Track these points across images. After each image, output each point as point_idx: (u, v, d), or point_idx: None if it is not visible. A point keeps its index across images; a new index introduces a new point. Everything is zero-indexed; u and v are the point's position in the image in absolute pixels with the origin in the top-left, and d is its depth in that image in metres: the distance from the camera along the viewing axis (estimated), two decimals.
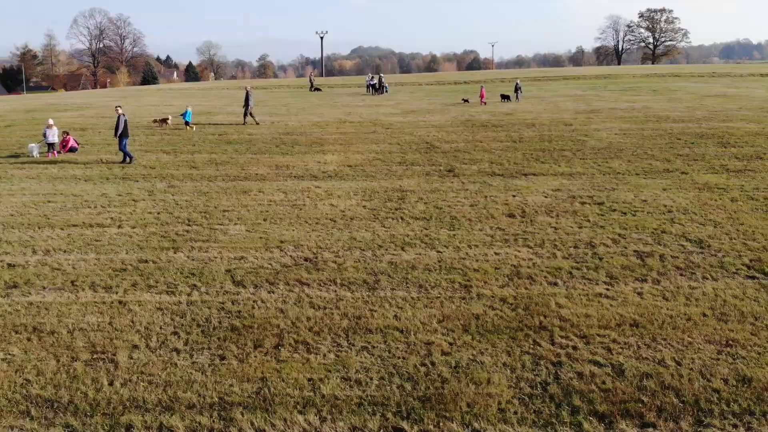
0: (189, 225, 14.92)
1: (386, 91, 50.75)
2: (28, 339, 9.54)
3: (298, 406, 7.77)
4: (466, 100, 42.31)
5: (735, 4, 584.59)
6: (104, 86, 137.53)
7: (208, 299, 10.81)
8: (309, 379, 8.33)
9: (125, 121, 22.08)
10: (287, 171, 20.80)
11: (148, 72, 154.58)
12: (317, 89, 55.79)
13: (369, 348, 9.11)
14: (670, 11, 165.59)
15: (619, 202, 16.24)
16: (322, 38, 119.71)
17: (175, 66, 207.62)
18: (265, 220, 15.29)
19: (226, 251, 13.07)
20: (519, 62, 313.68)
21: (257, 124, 31.25)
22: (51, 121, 24.46)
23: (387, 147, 24.81)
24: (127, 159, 22.20)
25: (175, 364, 8.75)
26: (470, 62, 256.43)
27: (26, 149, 23.90)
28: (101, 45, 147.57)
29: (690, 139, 25.37)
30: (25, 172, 20.92)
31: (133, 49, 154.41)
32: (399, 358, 8.81)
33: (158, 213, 15.93)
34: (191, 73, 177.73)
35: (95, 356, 9.02)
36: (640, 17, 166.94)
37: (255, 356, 8.93)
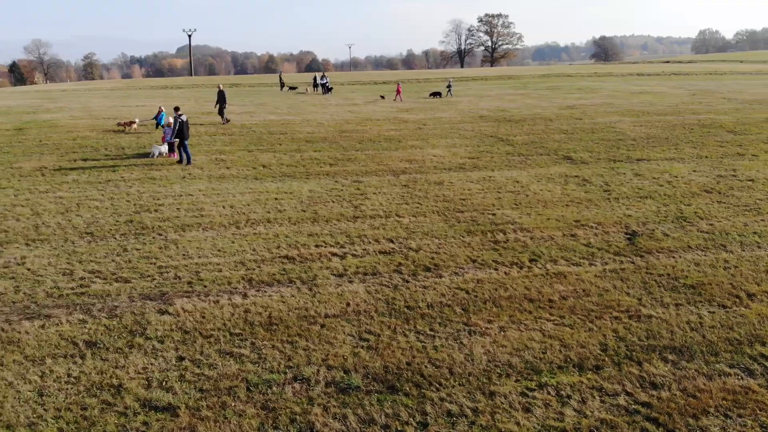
0: (461, 212, 16.16)
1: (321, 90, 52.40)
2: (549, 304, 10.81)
3: None
4: (382, 97, 46.69)
5: (541, 9, 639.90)
6: None
7: (622, 267, 12.53)
8: None
9: (182, 122, 21.93)
10: (422, 164, 22.13)
11: None
12: (292, 88, 55.61)
13: None
14: (506, 16, 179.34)
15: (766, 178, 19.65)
16: (189, 36, 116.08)
17: None
18: (516, 205, 16.88)
19: (552, 231, 14.68)
20: (354, 64, 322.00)
21: (225, 123, 31.37)
22: (171, 120, 23.65)
23: (465, 141, 26.71)
24: (184, 160, 22.07)
25: (713, 313, 10.58)
26: (309, 63, 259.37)
27: (149, 150, 23.02)
28: None
29: (702, 129, 29.78)
30: (165, 174, 20.44)
31: None
32: None
33: (405, 204, 16.91)
34: (17, 74, 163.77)
35: (621, 313, 10.58)
36: (479, 22, 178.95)
37: (754, 305, 10.95)
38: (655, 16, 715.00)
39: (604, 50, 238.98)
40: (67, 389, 8.31)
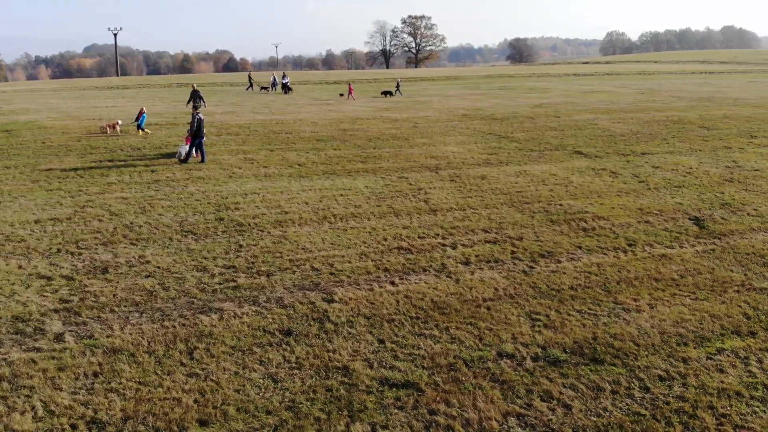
0: (528, 204, 17.24)
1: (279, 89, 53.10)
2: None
3: None
4: (341, 95, 48.55)
5: (454, 11, 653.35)
6: None
7: (710, 248, 13.91)
8: None
9: (199, 120, 21.96)
10: (449, 161, 23.06)
11: None
12: (264, 88, 55.14)
13: None
14: (429, 18, 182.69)
15: None
16: (115, 35, 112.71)
17: None
18: (573, 196, 18.10)
19: (625, 218, 15.95)
20: (272, 63, 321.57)
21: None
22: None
23: (470, 138, 27.88)
24: (198, 159, 22.15)
25: None
26: (226, 62, 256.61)
27: (174, 150, 22.96)
28: None
29: (676, 125, 32.09)
30: (208, 173, 20.52)
31: None
32: None
33: (468, 198, 17.80)
34: None
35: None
36: (403, 23, 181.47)
37: None
38: (563, 18, 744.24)
39: (518, 52, 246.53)
40: (297, 374, 8.73)
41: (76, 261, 12.59)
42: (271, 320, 10.23)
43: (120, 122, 28.62)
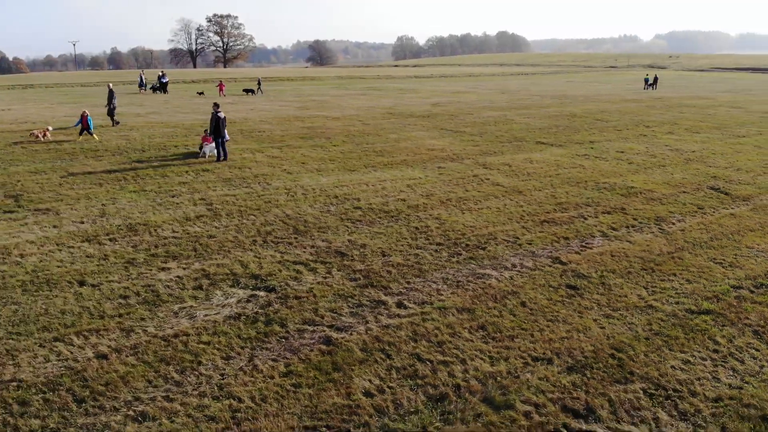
0: (580, 183, 20.74)
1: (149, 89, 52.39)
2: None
3: None
4: (201, 93, 50.67)
5: (245, 13, 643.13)
6: None
7: (754, 207, 18.28)
8: None
9: (218, 119, 22.15)
10: (450, 153, 25.72)
11: None
12: (157, 88, 52.25)
13: None
14: (236, 17, 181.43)
15: (701, 150, 27.41)
16: None
17: None
18: (603, 175, 21.99)
19: (666, 190, 20.00)
20: (50, 63, 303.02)
21: (114, 125, 30.57)
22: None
23: (436, 133, 30.64)
24: (221, 156, 22.70)
25: None
26: None
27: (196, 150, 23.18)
28: None
29: (575, 119, 37.61)
30: (263, 171, 21.17)
31: None
32: None
33: (527, 181, 20.88)
34: None
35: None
36: (208, 22, 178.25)
37: None
38: (352, 22, 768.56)
39: (319, 54, 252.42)
40: (620, 314, 11.14)
41: (298, 250, 13.56)
42: (543, 280, 12.37)
43: (50, 128, 27.49)
